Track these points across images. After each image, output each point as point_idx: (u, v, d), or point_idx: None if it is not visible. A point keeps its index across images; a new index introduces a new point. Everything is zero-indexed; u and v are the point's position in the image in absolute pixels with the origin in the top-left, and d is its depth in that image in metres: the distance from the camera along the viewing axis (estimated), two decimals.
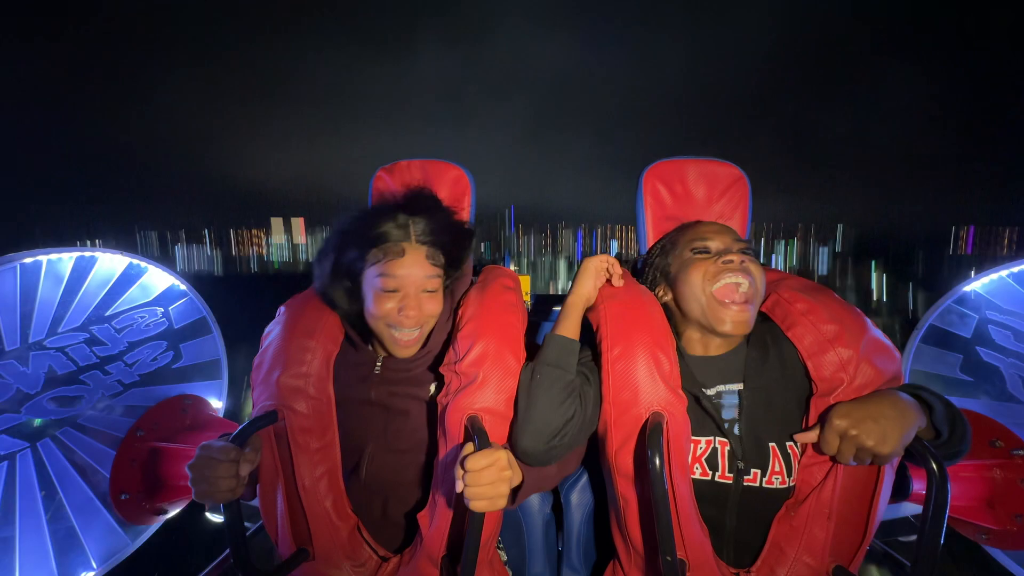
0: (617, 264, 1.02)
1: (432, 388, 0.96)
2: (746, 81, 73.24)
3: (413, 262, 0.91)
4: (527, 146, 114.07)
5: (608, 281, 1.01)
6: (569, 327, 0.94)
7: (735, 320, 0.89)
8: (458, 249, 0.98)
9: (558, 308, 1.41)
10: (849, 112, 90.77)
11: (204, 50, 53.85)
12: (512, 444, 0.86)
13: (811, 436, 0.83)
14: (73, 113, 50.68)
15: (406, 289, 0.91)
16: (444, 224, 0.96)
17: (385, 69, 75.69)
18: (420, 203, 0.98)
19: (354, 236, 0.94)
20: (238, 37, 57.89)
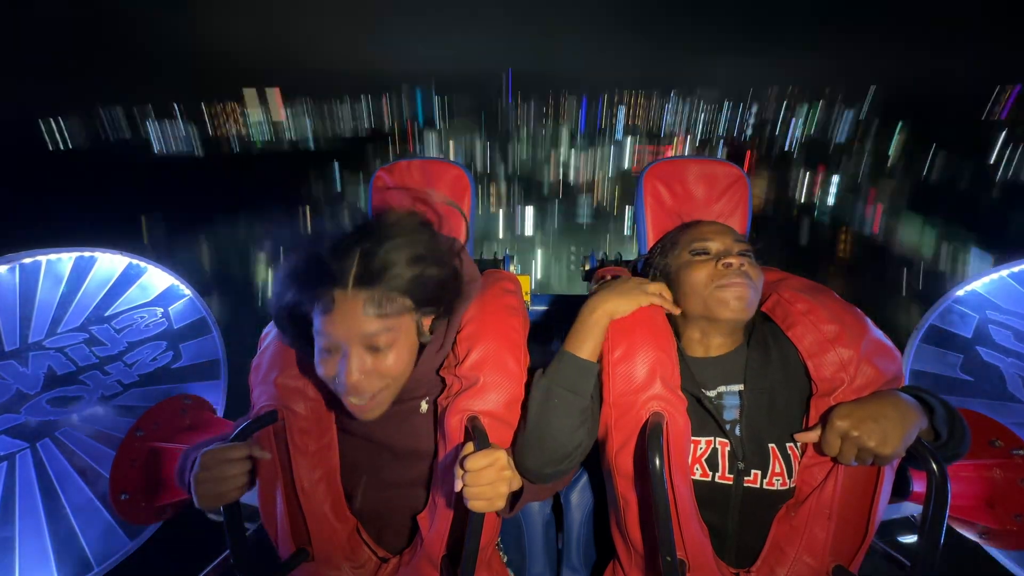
0: (668, 292, 0.97)
1: (423, 411, 0.90)
2: None
3: (346, 318, 0.71)
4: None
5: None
6: (589, 347, 0.88)
7: (737, 296, 0.88)
8: (431, 288, 0.77)
9: (561, 308, 1.42)
10: None
11: None
12: (517, 460, 0.85)
13: (812, 436, 0.83)
14: None
15: (345, 348, 0.73)
16: (403, 256, 0.73)
17: None
18: (376, 229, 0.75)
19: (295, 272, 0.75)
20: None
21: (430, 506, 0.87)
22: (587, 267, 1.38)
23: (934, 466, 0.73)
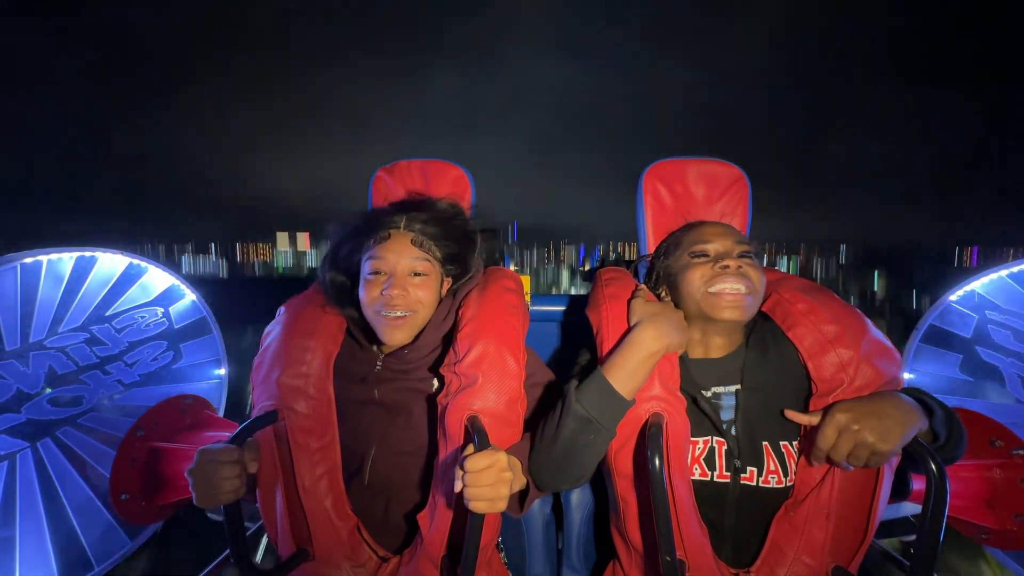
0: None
1: (433, 388, 0.95)
2: (748, 102, 77.30)
3: (398, 246, 0.95)
4: (530, 163, 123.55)
5: (632, 300, 0.96)
6: (636, 383, 0.84)
7: (732, 305, 0.89)
8: (453, 243, 0.99)
9: (561, 308, 1.41)
10: (850, 134, 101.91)
11: (220, 64, 54.41)
12: (534, 474, 0.88)
13: (811, 419, 0.83)
14: (88, 118, 50.18)
15: (391, 270, 0.94)
16: (436, 216, 1.00)
17: (396, 86, 79.57)
18: (416, 201, 1.04)
19: (351, 231, 1.00)
20: (254, 52, 59.62)
21: (430, 506, 0.87)
22: (588, 267, 1.37)
23: (933, 466, 0.73)
